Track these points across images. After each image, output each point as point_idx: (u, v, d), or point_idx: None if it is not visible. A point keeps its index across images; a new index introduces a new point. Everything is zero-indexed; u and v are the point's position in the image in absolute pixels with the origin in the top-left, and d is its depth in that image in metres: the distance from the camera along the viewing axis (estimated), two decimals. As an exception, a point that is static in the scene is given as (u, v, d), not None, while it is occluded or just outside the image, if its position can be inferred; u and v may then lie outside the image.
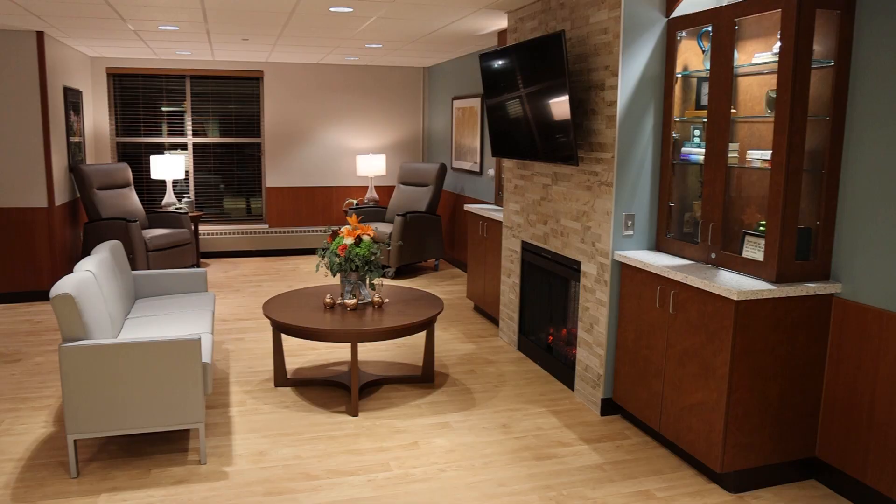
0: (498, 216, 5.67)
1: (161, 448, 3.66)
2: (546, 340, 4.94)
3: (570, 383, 4.51)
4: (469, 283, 6.42)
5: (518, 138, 4.80)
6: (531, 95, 4.48)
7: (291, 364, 4.95)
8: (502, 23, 5.67)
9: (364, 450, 3.65)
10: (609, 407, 4.13)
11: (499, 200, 6.22)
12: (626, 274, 3.89)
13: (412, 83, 9.24)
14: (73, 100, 7.35)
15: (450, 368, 4.89)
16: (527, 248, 5.07)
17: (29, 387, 4.53)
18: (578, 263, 4.34)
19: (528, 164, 5.01)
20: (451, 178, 8.53)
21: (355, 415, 4.07)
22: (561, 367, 4.63)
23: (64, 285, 3.28)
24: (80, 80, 7.78)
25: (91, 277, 3.66)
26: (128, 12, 5.34)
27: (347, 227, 4.37)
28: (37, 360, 5.06)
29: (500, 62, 4.87)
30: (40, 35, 6.41)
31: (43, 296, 6.76)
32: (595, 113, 4.07)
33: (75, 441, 3.36)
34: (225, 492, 3.23)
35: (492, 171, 7.05)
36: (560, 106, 4.14)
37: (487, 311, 6.03)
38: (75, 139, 7.44)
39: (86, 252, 7.18)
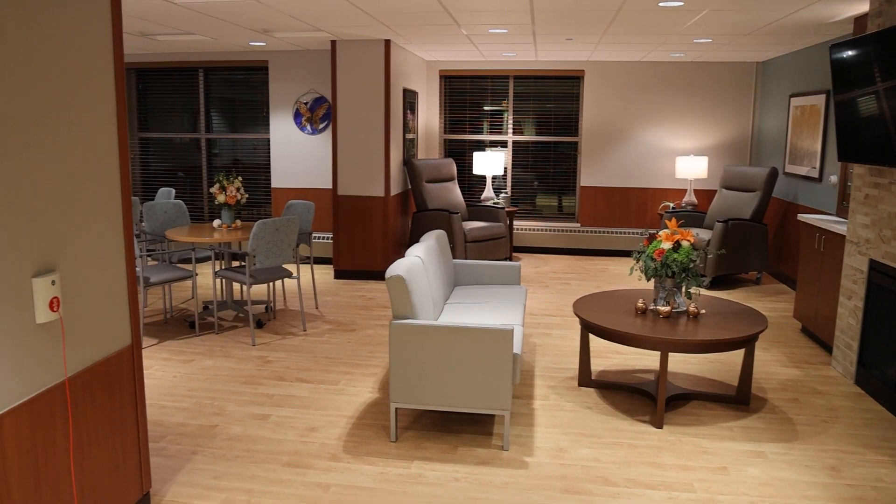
0: (840, 229, 5.00)
1: (468, 428, 3.85)
2: (894, 378, 4.23)
3: (922, 430, 3.81)
4: (797, 301, 5.77)
5: (873, 140, 4.16)
6: (896, 90, 3.85)
7: (596, 365, 4.90)
8: (861, 7, 4.97)
9: (666, 465, 3.46)
10: (976, 467, 3.40)
11: (842, 211, 5.48)
12: None
13: (742, 79, 8.58)
14: (410, 100, 8.11)
15: (768, 393, 4.43)
16: (876, 267, 4.39)
17: (361, 355, 5.09)
18: (946, 290, 3.63)
19: (884, 170, 4.33)
20: (783, 184, 7.76)
21: (660, 427, 3.88)
22: (911, 409, 3.93)
23: (397, 268, 3.60)
24: (416, 82, 8.56)
25: (419, 263, 3.98)
26: (463, 18, 5.71)
27: (665, 230, 4.18)
28: (368, 332, 5.67)
29: (858, 52, 4.26)
30: (387, 43, 7.16)
31: (375, 275, 7.57)
32: (985, 110, 3.36)
33: (396, 409, 3.68)
34: (524, 480, 3.29)
35: (834, 178, 6.25)
36: (936, 102, 3.49)
37: (818, 335, 5.36)
38: (409, 136, 8.20)
39: (413, 239, 7.90)
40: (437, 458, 3.51)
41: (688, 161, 8.26)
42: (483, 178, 9.26)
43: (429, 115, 9.18)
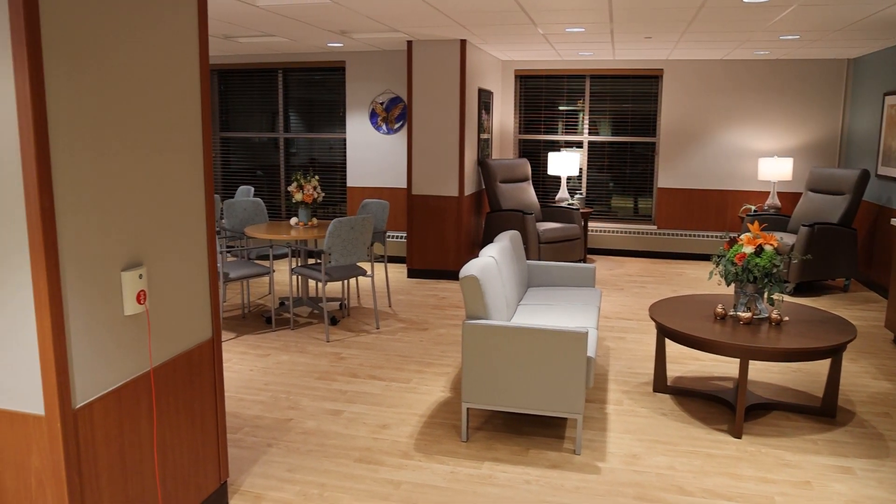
0: (937, 234, 4.72)
1: (539, 431, 3.81)
2: None
3: None
4: (889, 310, 5.48)
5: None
6: None
7: (672, 371, 4.78)
8: (966, 1, 4.68)
9: (745, 476, 3.34)
10: None
11: (939, 215, 5.18)
12: None
13: (831, 77, 8.21)
14: (485, 100, 8.10)
15: (857, 406, 4.22)
16: (977, 275, 4.12)
17: (433, 354, 5.11)
18: None
19: None
20: (874, 187, 7.39)
21: (738, 437, 3.75)
22: None
23: (471, 268, 3.60)
24: (491, 81, 8.54)
25: (493, 263, 3.96)
26: (540, 17, 5.66)
27: (747, 234, 4.03)
28: (440, 331, 5.69)
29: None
30: (463, 43, 7.17)
31: (448, 275, 7.59)
32: None
33: (468, 409, 3.67)
34: (596, 486, 3.23)
35: (931, 180, 5.90)
36: None
37: (910, 346, 5.08)
38: (484, 136, 8.19)
39: (486, 239, 7.88)
40: (507, 459, 3.49)
41: (771, 162, 7.96)
42: (558, 178, 9.16)
43: (503, 115, 9.15)
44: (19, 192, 1.99)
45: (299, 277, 6.23)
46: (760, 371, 4.80)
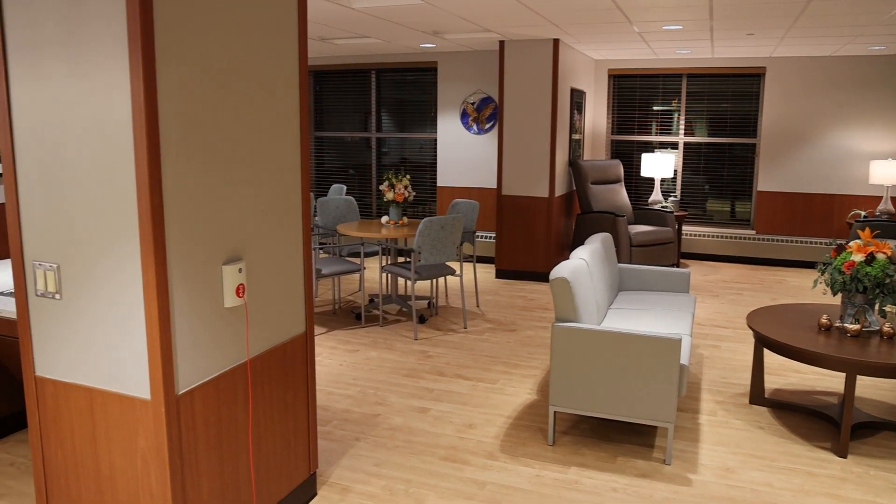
0: None
1: (628, 438, 3.72)
2: None
3: None
4: None
5: None
6: None
7: (770, 383, 4.57)
8: None
9: (851, 499, 3.15)
10: None
11: None
12: None
13: (954, 75, 7.66)
14: (577, 100, 7.98)
15: (977, 427, 3.92)
16: None
17: (520, 355, 5.08)
18: None
19: None
20: None
21: (843, 456, 3.55)
22: None
23: (562, 270, 3.55)
24: (584, 81, 8.41)
25: (584, 265, 3.90)
26: (635, 15, 5.53)
27: (857, 241, 3.81)
28: (528, 332, 5.65)
29: None
30: (556, 42, 7.09)
31: (536, 276, 7.53)
32: None
33: (555, 413, 3.63)
34: (687, 498, 3.13)
35: None
36: None
37: None
38: (576, 136, 8.08)
39: (576, 241, 7.77)
40: (594, 465, 3.43)
41: (885, 165, 7.49)
42: (651, 180, 8.94)
43: (596, 116, 9.00)
44: (132, 190, 2.10)
45: (389, 275, 6.32)
46: (868, 387, 4.53)
